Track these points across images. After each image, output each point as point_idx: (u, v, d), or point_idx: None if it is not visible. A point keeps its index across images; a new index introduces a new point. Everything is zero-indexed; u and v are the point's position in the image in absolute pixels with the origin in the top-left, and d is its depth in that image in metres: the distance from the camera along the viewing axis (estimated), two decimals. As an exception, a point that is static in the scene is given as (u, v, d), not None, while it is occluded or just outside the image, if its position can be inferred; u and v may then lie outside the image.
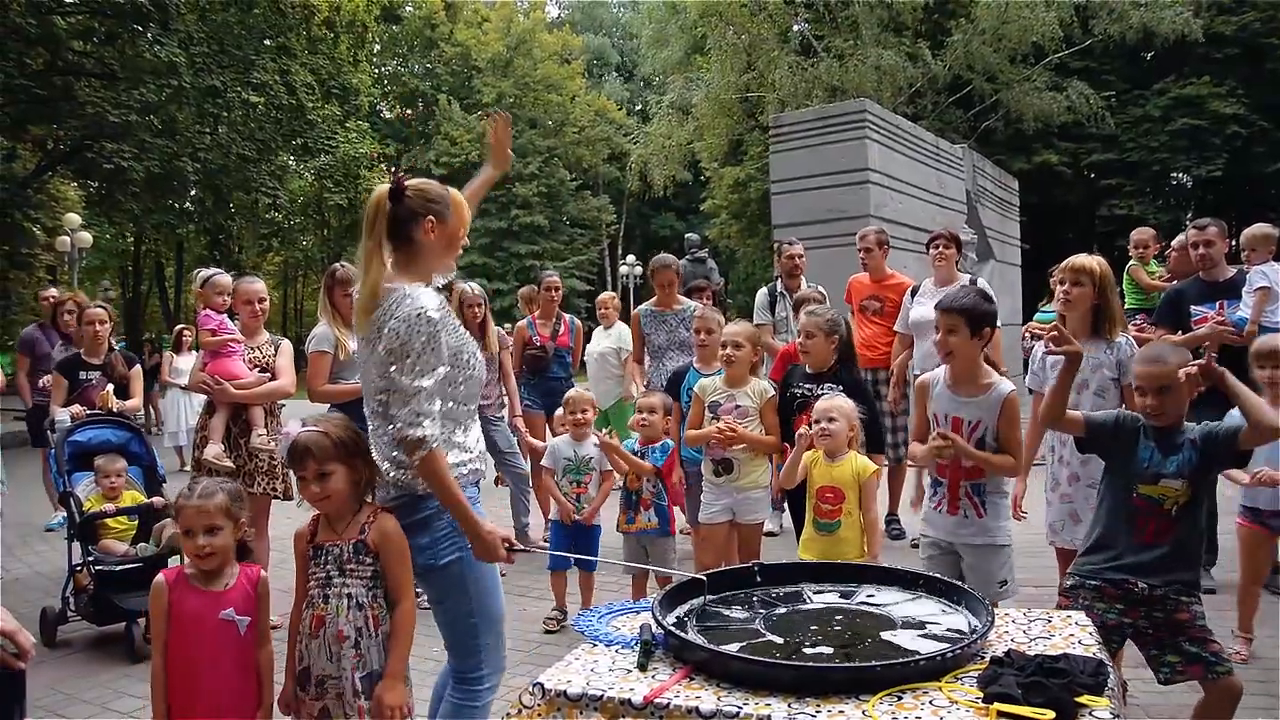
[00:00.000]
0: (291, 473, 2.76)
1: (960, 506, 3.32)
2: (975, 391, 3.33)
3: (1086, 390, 3.74)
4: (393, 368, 2.45)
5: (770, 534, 6.10)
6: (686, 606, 2.28)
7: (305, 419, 2.62)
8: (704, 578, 2.35)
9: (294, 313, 42.91)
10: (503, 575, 3.12)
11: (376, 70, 39.13)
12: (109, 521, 4.95)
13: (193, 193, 24.23)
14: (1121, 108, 28.05)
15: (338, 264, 5.22)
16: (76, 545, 4.83)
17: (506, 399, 6.25)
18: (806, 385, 4.44)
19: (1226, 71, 27.33)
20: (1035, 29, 24.41)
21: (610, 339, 7.45)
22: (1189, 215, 30.46)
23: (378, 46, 38.57)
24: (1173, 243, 6.27)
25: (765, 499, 4.47)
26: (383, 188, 2.60)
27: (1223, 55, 27.14)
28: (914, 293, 6.06)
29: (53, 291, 8.32)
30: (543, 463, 4.99)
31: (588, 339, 7.66)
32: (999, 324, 5.02)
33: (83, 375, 5.91)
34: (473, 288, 5.99)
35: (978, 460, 3.24)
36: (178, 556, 4.71)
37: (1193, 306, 5.21)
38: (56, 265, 27.12)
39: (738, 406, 4.30)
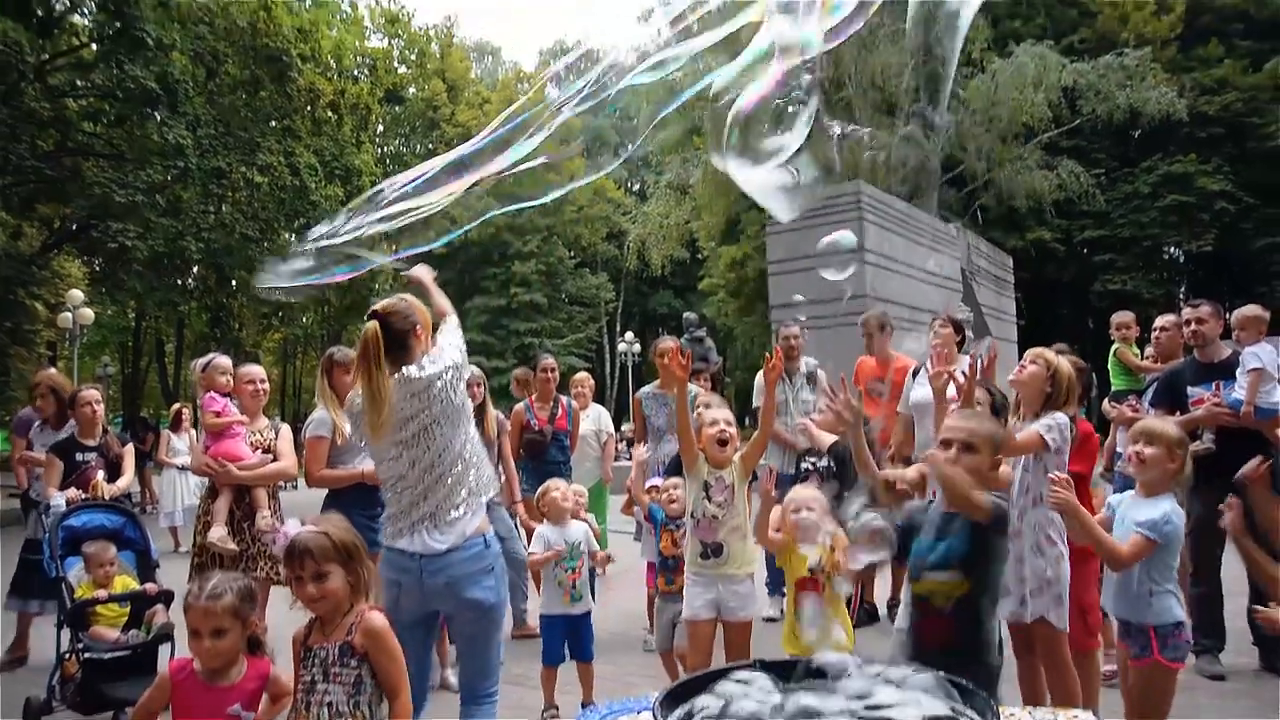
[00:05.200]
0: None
1: None
2: None
3: (1015, 466, 3.77)
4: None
5: (771, 619, 6.01)
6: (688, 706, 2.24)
7: (305, 518, 2.62)
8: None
9: (293, 390, 42.90)
10: (500, 663, 3.25)
11: (379, 150, 39.88)
12: (99, 608, 4.87)
13: (195, 270, 24.46)
14: (1111, 185, 28.58)
15: (335, 348, 5.25)
16: (65, 632, 4.75)
17: (505, 483, 6.20)
18: (811, 458, 4.46)
19: (1212, 149, 27.93)
20: (1025, 110, 24.99)
21: (588, 421, 7.39)
22: (1182, 289, 30.76)
23: (380, 127, 39.34)
24: (1157, 323, 6.20)
25: (753, 593, 4.24)
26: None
27: (1207, 134, 27.77)
28: (915, 374, 6.05)
29: (51, 371, 8.29)
30: (530, 548, 4.89)
31: None
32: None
33: (79, 456, 5.87)
34: (472, 369, 5.97)
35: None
36: (169, 644, 4.65)
37: (1189, 388, 5.22)
38: (57, 341, 27.24)
39: (727, 486, 4.25)
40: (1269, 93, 27.47)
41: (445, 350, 3.22)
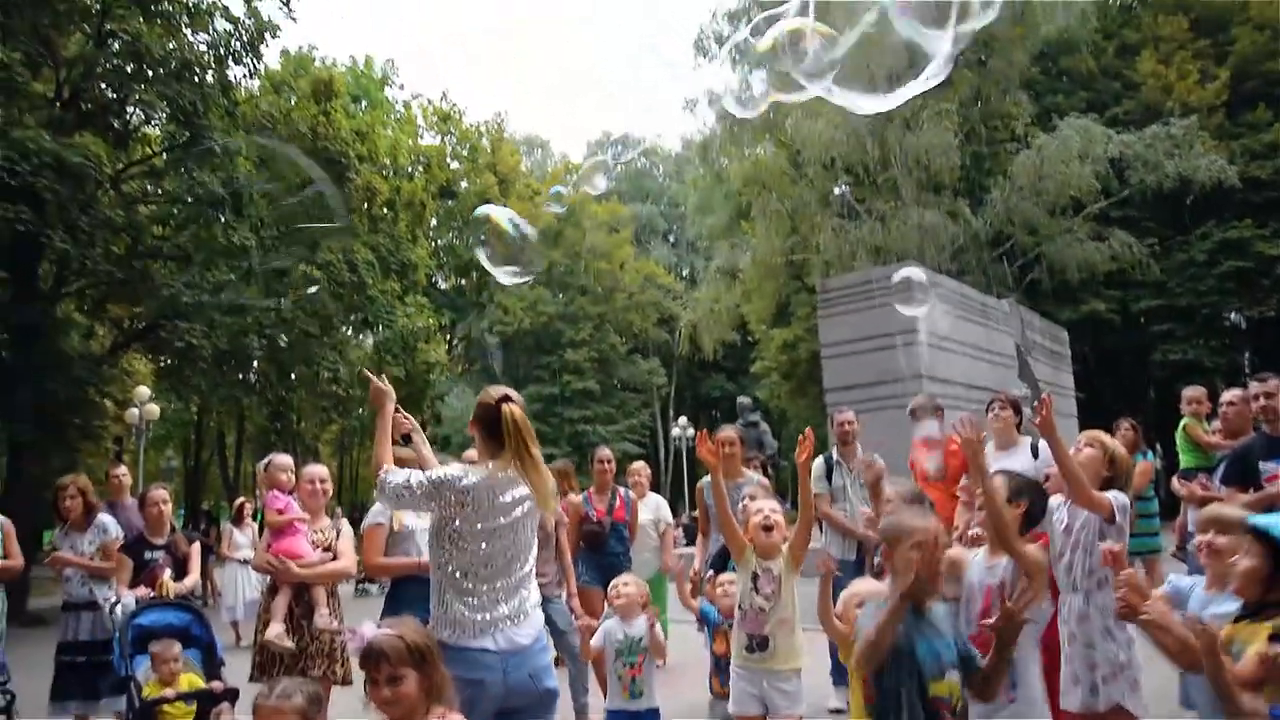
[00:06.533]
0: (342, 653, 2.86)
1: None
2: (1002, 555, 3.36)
3: (1078, 549, 3.69)
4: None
5: (836, 711, 5.86)
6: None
7: (380, 621, 2.65)
8: None
9: (350, 481, 43.34)
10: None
11: (432, 243, 40.92)
12: (166, 706, 4.92)
13: (255, 364, 25.11)
14: (1165, 253, 28.21)
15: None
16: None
17: (562, 576, 6.19)
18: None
19: (1267, 214, 27.48)
20: (1072, 183, 24.92)
21: (647, 510, 7.41)
22: (1245, 356, 30.02)
23: (434, 220, 40.45)
24: (1224, 397, 6.11)
25: (800, 690, 4.14)
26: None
27: (1262, 199, 27.37)
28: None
29: (122, 469, 8.48)
30: (592, 643, 4.85)
31: None
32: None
33: (148, 555, 5.99)
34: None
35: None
36: (233, 743, 4.68)
37: (1261, 463, 5.08)
38: (123, 436, 27.96)
39: (775, 578, 4.20)
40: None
41: None
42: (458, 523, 3.13)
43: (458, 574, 3.13)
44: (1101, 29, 30.51)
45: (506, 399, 3.20)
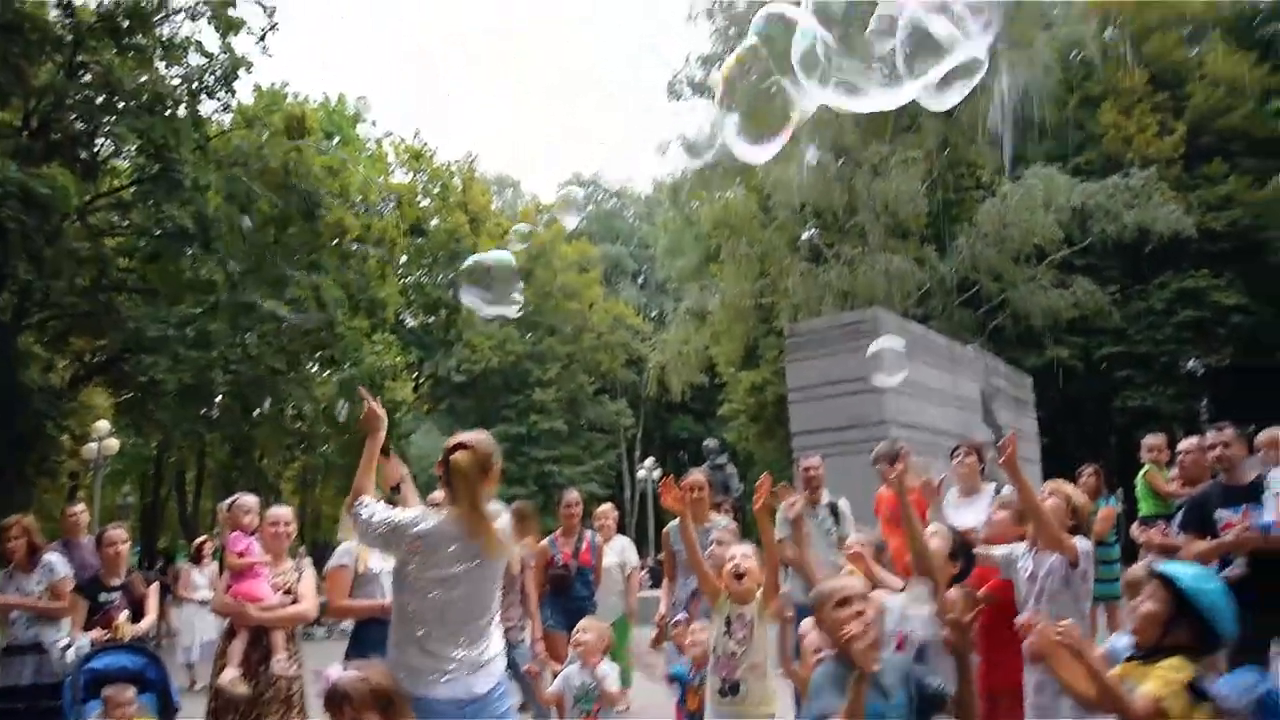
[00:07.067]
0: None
1: None
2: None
3: (1043, 596, 3.75)
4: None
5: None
6: None
7: (346, 664, 2.62)
8: None
9: (311, 518, 42.62)
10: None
11: (401, 281, 40.74)
12: (120, 755, 4.78)
13: (218, 399, 24.79)
14: (1126, 301, 28.76)
15: None
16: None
17: (529, 620, 6.14)
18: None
19: (1223, 264, 28.16)
20: (1036, 231, 25.42)
21: (612, 553, 7.39)
22: (1203, 404, 30.52)
23: (404, 258, 40.32)
24: (1181, 446, 6.22)
25: None
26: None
27: (1217, 250, 28.04)
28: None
29: (79, 507, 8.32)
30: (551, 689, 4.82)
31: None
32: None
33: (103, 597, 5.85)
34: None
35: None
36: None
37: (1218, 511, 5.17)
38: (80, 471, 27.38)
39: (748, 623, 4.20)
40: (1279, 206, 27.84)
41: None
42: (412, 567, 3.11)
43: (414, 620, 3.10)
44: (1065, 81, 31.29)
45: (460, 447, 3.17)
